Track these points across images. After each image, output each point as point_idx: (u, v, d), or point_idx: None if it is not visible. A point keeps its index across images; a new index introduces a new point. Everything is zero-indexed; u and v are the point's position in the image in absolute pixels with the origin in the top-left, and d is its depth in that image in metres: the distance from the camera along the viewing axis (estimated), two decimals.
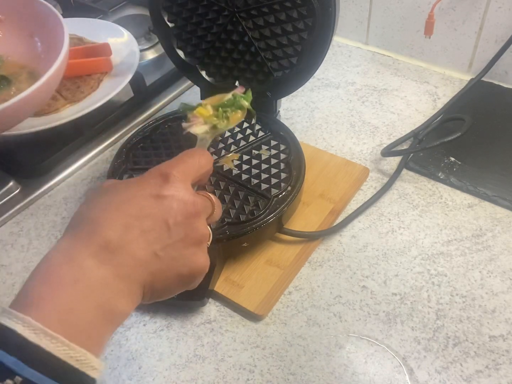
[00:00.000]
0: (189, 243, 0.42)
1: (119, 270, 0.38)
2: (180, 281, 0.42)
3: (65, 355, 0.33)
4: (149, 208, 0.40)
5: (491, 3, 0.81)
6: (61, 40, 0.60)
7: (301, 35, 0.66)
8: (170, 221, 0.40)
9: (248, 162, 0.67)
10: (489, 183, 0.70)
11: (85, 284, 0.36)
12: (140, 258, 0.39)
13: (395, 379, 0.53)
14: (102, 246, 0.37)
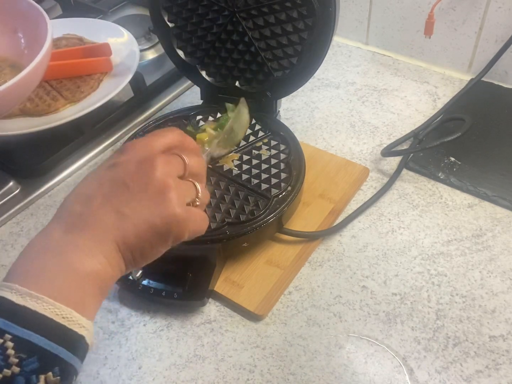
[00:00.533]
0: (152, 193, 0.41)
1: (87, 234, 0.39)
2: (156, 233, 0.41)
3: (52, 313, 0.35)
4: (107, 175, 0.42)
5: (491, 3, 0.81)
6: (44, 35, 0.60)
7: (301, 35, 0.66)
8: (127, 179, 0.42)
9: (248, 162, 0.67)
10: (489, 183, 0.70)
11: (55, 249, 0.39)
12: (106, 220, 0.40)
13: (395, 379, 0.53)
14: (70, 219, 0.40)
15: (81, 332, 0.37)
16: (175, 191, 0.42)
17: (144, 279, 0.60)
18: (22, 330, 0.34)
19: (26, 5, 0.65)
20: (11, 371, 0.33)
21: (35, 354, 0.34)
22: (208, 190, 0.63)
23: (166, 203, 0.41)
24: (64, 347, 0.35)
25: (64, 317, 0.36)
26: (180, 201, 0.42)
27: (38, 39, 0.61)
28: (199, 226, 0.46)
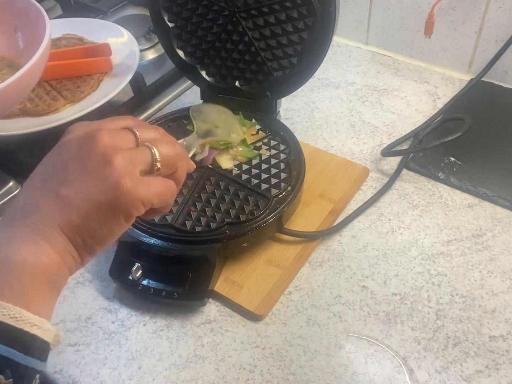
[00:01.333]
0: (92, 169, 0.37)
1: (26, 222, 0.37)
2: (101, 210, 0.37)
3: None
4: (49, 160, 0.40)
5: (491, 3, 0.81)
6: (42, 34, 0.60)
7: (301, 35, 0.66)
8: (67, 159, 0.38)
9: (248, 162, 0.68)
10: (489, 183, 0.70)
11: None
12: (46, 206, 0.37)
13: (395, 379, 0.53)
14: (13, 212, 0.38)
15: (32, 331, 0.34)
16: (119, 161, 0.37)
17: (144, 279, 0.60)
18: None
19: (26, 4, 0.65)
20: None
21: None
22: (208, 190, 0.64)
23: (107, 175, 0.37)
24: (15, 348, 0.33)
25: (12, 317, 0.33)
26: (126, 169, 0.38)
27: (36, 38, 0.61)
28: (158, 195, 0.40)
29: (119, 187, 0.37)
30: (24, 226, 0.37)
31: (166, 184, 0.41)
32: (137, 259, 0.60)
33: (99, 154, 0.38)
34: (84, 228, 0.37)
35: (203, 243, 0.59)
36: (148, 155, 0.40)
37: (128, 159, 0.38)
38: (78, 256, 0.38)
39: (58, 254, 0.37)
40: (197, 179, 0.65)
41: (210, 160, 0.67)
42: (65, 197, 0.37)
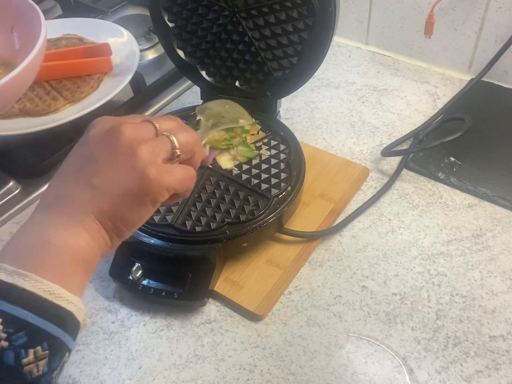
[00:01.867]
0: (120, 159, 0.41)
1: (63, 210, 0.40)
2: (130, 196, 0.41)
3: (39, 289, 0.36)
4: (78, 152, 0.43)
5: (491, 3, 0.81)
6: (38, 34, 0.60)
7: (301, 35, 0.66)
8: (94, 151, 0.42)
9: (248, 162, 0.68)
10: (489, 183, 0.70)
11: (35, 229, 0.40)
12: (80, 195, 0.40)
13: (395, 379, 0.53)
14: (48, 200, 0.42)
15: (69, 307, 0.37)
16: (143, 151, 0.41)
17: (144, 279, 0.60)
18: (10, 306, 0.35)
19: (22, 3, 0.65)
20: (0, 345, 0.33)
21: (23, 329, 0.34)
22: (208, 190, 0.64)
23: (134, 165, 0.40)
24: (52, 322, 0.36)
25: (52, 293, 0.36)
26: (150, 158, 0.41)
27: (32, 38, 0.60)
28: (180, 181, 0.43)
29: (145, 175, 0.40)
30: (61, 214, 0.40)
31: (186, 170, 0.44)
32: (137, 259, 0.60)
33: (125, 146, 0.41)
34: (115, 214, 0.41)
35: (203, 243, 0.59)
36: (168, 144, 0.43)
37: (151, 149, 0.42)
38: (109, 240, 0.42)
39: (93, 239, 0.40)
40: (197, 179, 0.65)
41: (210, 160, 0.67)
42: (97, 186, 0.40)
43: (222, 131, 0.69)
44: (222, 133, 0.69)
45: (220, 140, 0.67)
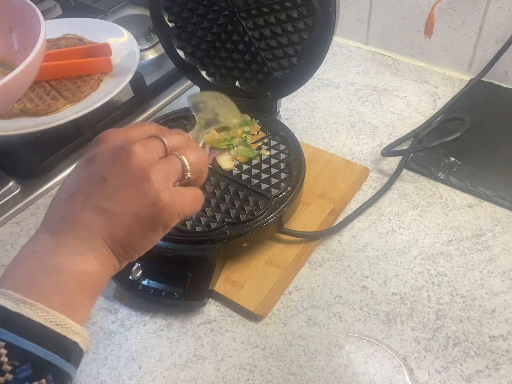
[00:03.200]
0: (131, 183, 0.39)
1: (71, 234, 0.38)
2: (142, 223, 0.40)
3: (45, 320, 0.35)
4: (84, 171, 0.41)
5: (491, 3, 0.81)
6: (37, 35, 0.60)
7: (301, 35, 0.66)
8: (105, 172, 0.40)
9: (248, 162, 0.68)
10: (489, 183, 0.70)
11: (40, 253, 0.38)
12: (89, 219, 0.39)
13: (395, 379, 0.53)
14: (54, 222, 0.40)
15: (74, 338, 0.36)
16: (155, 175, 0.40)
17: (144, 279, 0.60)
18: (16, 337, 0.34)
19: (21, 4, 0.65)
20: (5, 378, 0.33)
21: (28, 361, 0.34)
22: (208, 190, 0.64)
23: (147, 190, 0.39)
24: (58, 354, 0.35)
25: (58, 324, 0.35)
26: (163, 183, 0.40)
27: (31, 39, 0.60)
28: (190, 206, 0.43)
29: (158, 202, 0.40)
30: (69, 237, 0.38)
31: (195, 192, 0.44)
32: (137, 259, 0.60)
33: (137, 169, 0.39)
34: (126, 240, 0.40)
35: (203, 243, 0.59)
36: (179, 166, 0.42)
37: (164, 172, 0.41)
38: (118, 264, 0.41)
39: (102, 264, 0.39)
40: None
41: (211, 160, 0.67)
42: (109, 211, 0.39)
43: (222, 132, 0.69)
44: (222, 133, 0.69)
45: (220, 140, 0.67)
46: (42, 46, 0.59)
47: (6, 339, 0.33)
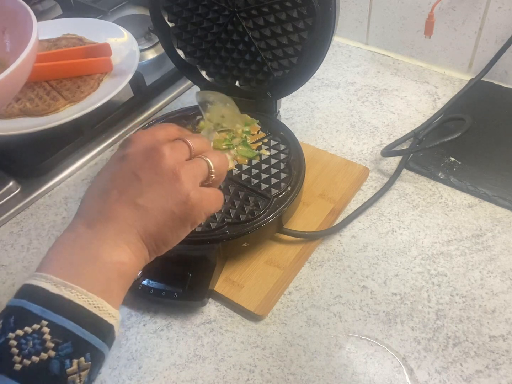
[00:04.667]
0: (164, 182, 0.43)
1: (109, 227, 0.41)
2: (174, 219, 0.43)
3: (85, 302, 0.37)
4: (118, 169, 0.44)
5: (491, 3, 0.81)
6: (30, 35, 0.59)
7: (301, 35, 0.66)
8: (137, 170, 0.43)
9: (248, 162, 0.68)
10: (489, 183, 0.70)
11: (79, 242, 0.41)
12: (125, 213, 0.42)
13: (395, 379, 0.53)
14: (90, 215, 0.42)
15: (110, 321, 0.39)
16: (186, 175, 0.43)
17: (144, 279, 0.60)
18: (58, 317, 0.36)
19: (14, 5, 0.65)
20: (48, 354, 0.35)
21: (69, 339, 0.36)
22: None
23: (179, 189, 0.43)
24: (96, 334, 0.37)
25: (96, 307, 0.38)
26: (192, 184, 0.44)
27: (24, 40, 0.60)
28: (214, 205, 0.47)
29: (189, 200, 0.43)
30: (107, 230, 0.41)
31: (218, 193, 0.48)
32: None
33: (167, 169, 0.43)
34: (159, 235, 0.43)
35: (203, 243, 0.59)
36: (205, 167, 0.46)
37: (192, 173, 0.44)
38: (148, 257, 0.44)
39: (136, 257, 0.42)
40: None
41: None
42: (143, 206, 0.42)
43: (222, 132, 0.69)
44: (222, 133, 0.69)
45: (220, 140, 0.67)
46: (33, 48, 0.59)
47: (49, 318, 0.36)
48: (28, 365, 0.34)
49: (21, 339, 0.35)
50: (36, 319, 0.36)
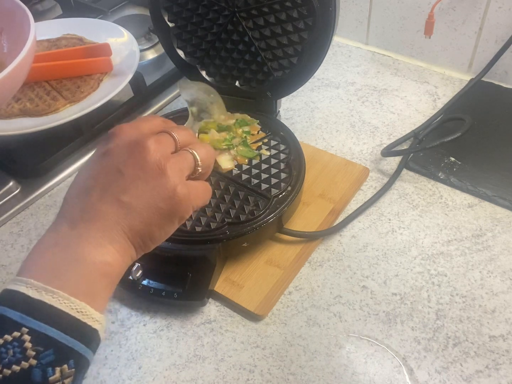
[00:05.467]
0: (149, 177, 0.41)
1: (92, 226, 0.39)
2: (161, 215, 0.41)
3: (67, 307, 0.36)
4: (100, 165, 0.42)
5: (491, 3, 0.81)
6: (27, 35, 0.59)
7: (301, 35, 0.66)
8: (120, 166, 0.41)
9: (248, 162, 0.67)
10: (489, 183, 0.70)
11: (62, 243, 0.39)
12: (109, 211, 0.40)
13: (395, 379, 0.53)
14: (73, 214, 0.40)
15: (94, 325, 0.37)
16: (171, 169, 0.41)
17: (144, 279, 0.60)
18: (39, 324, 0.35)
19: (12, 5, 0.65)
20: (29, 363, 0.34)
21: (51, 347, 0.34)
22: None
23: (165, 184, 0.41)
24: (79, 340, 0.36)
25: (79, 311, 0.36)
26: (179, 178, 0.42)
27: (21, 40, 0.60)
28: (202, 198, 0.46)
29: (176, 195, 0.41)
30: (90, 229, 0.39)
31: (205, 186, 0.47)
32: (137, 259, 0.60)
33: (152, 163, 0.41)
34: (145, 232, 0.41)
35: (203, 243, 0.59)
36: (191, 160, 0.44)
37: (178, 167, 0.42)
38: (135, 255, 0.42)
39: (121, 256, 0.40)
40: None
41: None
42: (127, 203, 0.40)
43: (222, 132, 0.69)
44: (222, 133, 0.69)
45: (220, 140, 0.67)
46: (31, 48, 0.58)
47: (29, 325, 0.34)
48: (8, 375, 0.33)
49: (0, 348, 0.33)
50: (16, 327, 0.34)
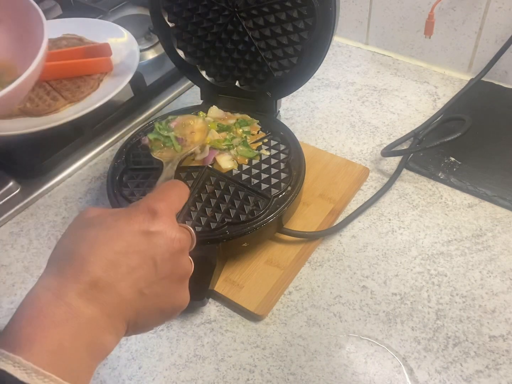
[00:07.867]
0: (173, 280, 0.42)
1: (106, 308, 0.37)
2: (162, 316, 0.43)
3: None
4: (137, 245, 0.39)
5: (491, 3, 0.81)
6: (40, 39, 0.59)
7: (301, 35, 0.66)
8: (158, 258, 0.40)
9: (248, 162, 0.67)
10: (489, 183, 0.70)
11: (75, 323, 0.35)
12: (126, 296, 0.38)
13: (395, 379, 0.53)
14: (90, 284, 0.36)
15: None
16: (187, 282, 0.44)
17: None
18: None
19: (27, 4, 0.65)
20: None
21: None
22: (208, 190, 0.64)
23: (182, 295, 0.43)
24: None
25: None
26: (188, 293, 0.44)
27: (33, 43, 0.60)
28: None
29: (184, 305, 0.44)
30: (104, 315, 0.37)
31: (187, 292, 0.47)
32: None
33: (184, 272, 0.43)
34: (140, 327, 0.42)
35: (203, 243, 0.59)
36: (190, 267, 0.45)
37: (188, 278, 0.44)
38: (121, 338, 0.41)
39: (118, 341, 0.39)
40: (197, 179, 0.65)
41: (210, 160, 0.67)
42: (145, 298, 0.40)
43: (222, 132, 0.69)
44: (222, 133, 0.69)
45: (220, 140, 0.67)
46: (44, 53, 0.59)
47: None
48: None
49: None
50: None
